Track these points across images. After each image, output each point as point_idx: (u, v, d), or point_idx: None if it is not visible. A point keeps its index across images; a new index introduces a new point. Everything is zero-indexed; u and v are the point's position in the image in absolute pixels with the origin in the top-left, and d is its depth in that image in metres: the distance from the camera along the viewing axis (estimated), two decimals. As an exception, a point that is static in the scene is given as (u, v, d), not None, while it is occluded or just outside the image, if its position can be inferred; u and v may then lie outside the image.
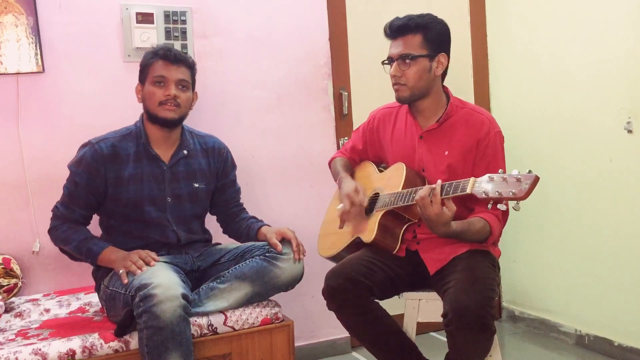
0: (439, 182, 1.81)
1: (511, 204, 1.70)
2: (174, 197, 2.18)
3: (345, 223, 2.15)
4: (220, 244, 2.34)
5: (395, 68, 2.04)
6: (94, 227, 2.21)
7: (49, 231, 2.14)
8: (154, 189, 2.14)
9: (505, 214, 1.97)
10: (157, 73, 2.11)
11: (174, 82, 2.11)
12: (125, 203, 2.11)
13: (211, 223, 2.39)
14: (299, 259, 2.16)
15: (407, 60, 2.01)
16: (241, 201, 2.43)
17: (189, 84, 2.17)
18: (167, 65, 2.12)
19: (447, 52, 2.07)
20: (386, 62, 2.09)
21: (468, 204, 2.00)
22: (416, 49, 2.01)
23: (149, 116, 2.15)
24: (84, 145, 2.13)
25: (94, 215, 2.20)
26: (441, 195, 1.79)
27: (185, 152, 2.21)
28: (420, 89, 2.05)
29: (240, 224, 2.35)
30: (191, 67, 2.19)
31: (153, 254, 2.06)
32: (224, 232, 2.43)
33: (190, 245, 2.23)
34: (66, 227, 2.10)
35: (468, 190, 1.73)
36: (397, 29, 2.04)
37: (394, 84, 2.07)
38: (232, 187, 2.38)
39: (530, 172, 1.64)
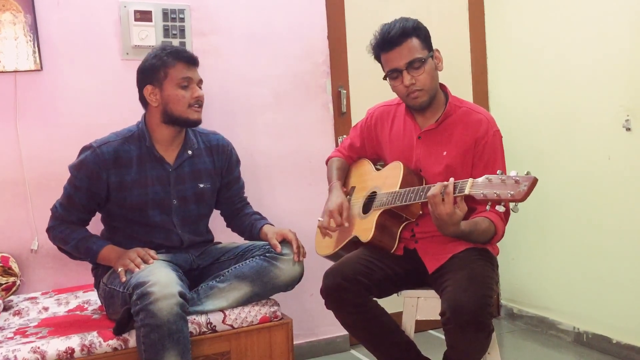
0: (452, 180, 1.76)
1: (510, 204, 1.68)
2: (180, 199, 2.16)
3: (331, 231, 2.14)
4: (220, 242, 2.33)
5: (408, 77, 1.98)
6: (96, 224, 2.20)
7: (48, 230, 2.13)
8: (159, 192, 2.12)
9: (507, 213, 1.96)
10: (182, 75, 2.08)
11: (196, 82, 2.12)
12: (129, 207, 2.10)
13: (213, 222, 2.38)
14: (298, 260, 2.15)
15: (417, 65, 1.98)
16: (245, 195, 2.42)
17: (202, 83, 2.18)
18: (189, 67, 2.11)
19: None
20: (394, 75, 2.01)
21: (469, 202, 1.99)
22: (420, 52, 1.99)
23: (171, 119, 2.09)
24: (85, 148, 2.08)
25: (96, 214, 2.19)
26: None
27: (189, 152, 2.18)
28: (435, 89, 2.04)
29: (243, 220, 2.34)
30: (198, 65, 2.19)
31: (152, 252, 2.06)
32: (228, 226, 2.42)
33: (192, 245, 2.22)
34: (64, 227, 2.10)
35: (466, 192, 1.71)
36: (397, 37, 1.97)
37: (409, 93, 2.01)
38: (236, 184, 2.36)
39: (528, 173, 1.61)
